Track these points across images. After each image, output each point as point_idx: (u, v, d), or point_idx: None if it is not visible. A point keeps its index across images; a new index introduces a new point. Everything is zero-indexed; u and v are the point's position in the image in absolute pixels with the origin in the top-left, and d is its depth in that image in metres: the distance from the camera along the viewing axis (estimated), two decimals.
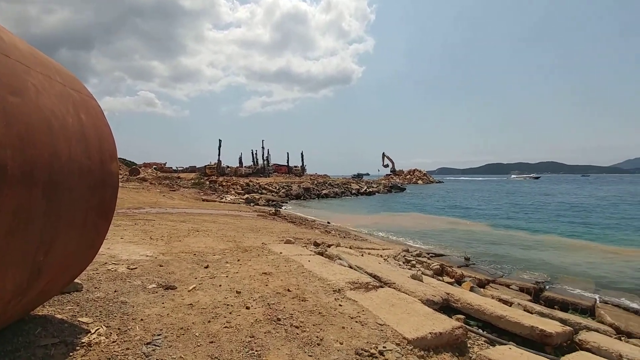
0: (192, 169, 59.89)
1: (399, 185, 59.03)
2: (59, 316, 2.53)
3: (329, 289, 3.72)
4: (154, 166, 56.80)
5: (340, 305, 3.29)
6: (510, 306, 4.84)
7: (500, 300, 5.23)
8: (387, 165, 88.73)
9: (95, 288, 3.19)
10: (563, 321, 4.38)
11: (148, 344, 2.28)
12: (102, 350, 2.15)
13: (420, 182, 79.32)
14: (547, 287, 7.16)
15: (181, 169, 62.99)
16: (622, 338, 4.63)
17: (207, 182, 36.79)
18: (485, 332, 3.78)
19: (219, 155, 54.63)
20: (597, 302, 6.32)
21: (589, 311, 5.86)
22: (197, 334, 2.48)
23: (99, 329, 2.40)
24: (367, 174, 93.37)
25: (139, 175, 33.65)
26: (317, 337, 2.59)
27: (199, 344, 2.35)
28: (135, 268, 3.97)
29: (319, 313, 3.05)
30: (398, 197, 42.27)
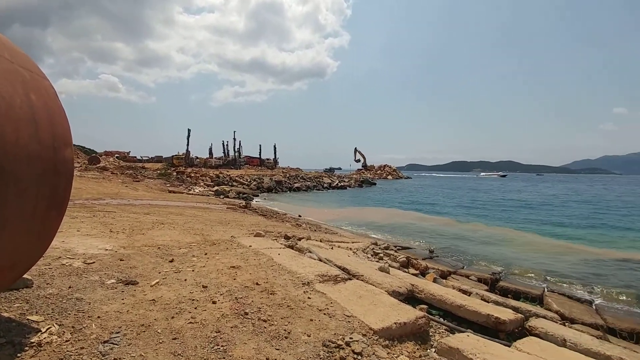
0: (158, 159, 57.30)
1: (370, 180, 60.22)
2: (5, 314, 2.34)
3: (298, 282, 3.73)
4: (116, 155, 53.68)
5: (309, 298, 3.31)
6: (469, 296, 5.13)
7: (460, 290, 5.52)
8: (358, 160, 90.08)
9: (47, 284, 2.97)
10: (515, 309, 4.70)
11: (105, 342, 2.16)
12: (53, 351, 2.02)
13: (390, 177, 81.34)
14: (502, 277, 7.67)
15: (146, 158, 60.11)
16: (566, 324, 5.07)
17: (175, 173, 35.37)
18: (446, 320, 3.98)
19: (187, 145, 52.74)
20: (545, 291, 6.87)
21: (538, 299, 6.36)
22: (159, 331, 2.39)
23: (50, 327, 2.24)
24: (339, 169, 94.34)
25: (99, 164, 31.60)
26: (285, 330, 2.60)
27: (161, 341, 2.27)
28: (93, 262, 3.74)
29: (288, 306, 3.06)
30: (369, 192, 43.12)
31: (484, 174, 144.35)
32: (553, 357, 2.99)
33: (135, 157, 59.78)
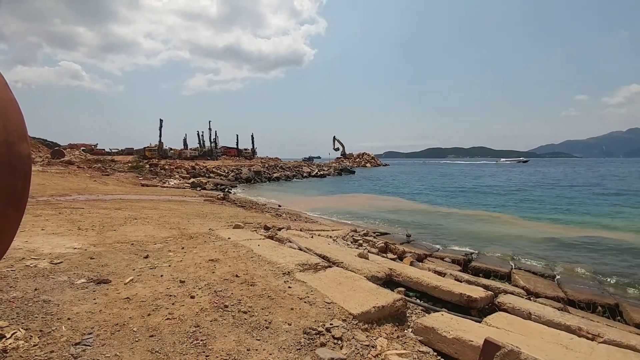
0: (129, 152, 54.94)
1: (349, 168, 60.70)
2: None
3: (279, 272, 3.74)
4: (82, 148, 50.93)
5: (289, 287, 3.34)
6: (443, 277, 5.34)
7: (435, 272, 5.74)
8: (337, 149, 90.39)
9: (10, 287, 2.82)
10: (486, 287, 4.94)
11: (77, 344, 2.08)
12: (20, 356, 1.92)
13: (368, 165, 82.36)
14: (474, 258, 8.05)
15: (116, 151, 57.50)
16: (532, 298, 5.40)
17: (147, 166, 34.08)
18: (422, 301, 4.14)
19: (160, 136, 50.78)
20: (513, 268, 7.27)
21: (507, 277, 6.73)
22: (134, 329, 2.33)
23: (15, 332, 2.13)
24: (319, 157, 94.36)
25: (64, 158, 29.79)
26: (265, 320, 2.61)
27: (137, 339, 2.21)
28: (61, 262, 3.58)
29: (268, 296, 3.07)
30: (348, 180, 43.49)
31: (505, 159, 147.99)
32: (519, 330, 3.18)
33: (104, 149, 57.16)
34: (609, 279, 7.13)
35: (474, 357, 2.50)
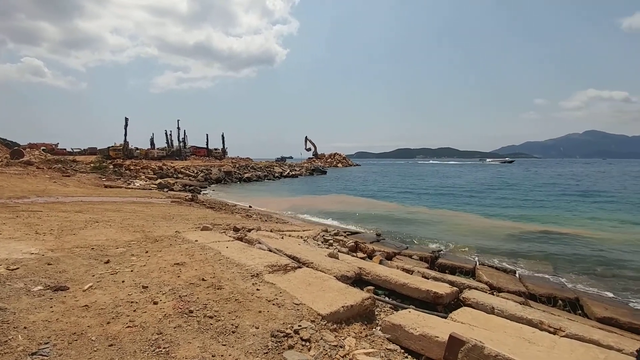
0: (92, 152, 51.80)
1: (321, 168, 60.96)
2: None
3: (247, 274, 3.68)
4: (42, 147, 47.33)
5: (258, 289, 3.29)
6: (411, 274, 5.49)
7: (403, 269, 5.90)
8: (309, 149, 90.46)
9: None
10: (451, 283, 5.14)
11: (33, 354, 1.98)
12: None
13: (340, 165, 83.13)
14: (441, 255, 8.36)
15: (78, 150, 54.02)
16: (495, 293, 5.67)
17: (111, 166, 32.25)
18: (390, 299, 4.25)
19: (125, 135, 48.29)
20: (477, 264, 7.62)
21: (471, 273, 7.03)
22: (93, 338, 2.22)
23: None
24: (291, 157, 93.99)
25: (23, 159, 27.52)
26: (232, 324, 2.56)
27: (95, 349, 2.11)
28: (17, 268, 3.36)
29: (236, 300, 3.01)
30: (320, 180, 43.65)
31: (490, 160, 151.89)
32: (483, 324, 3.32)
33: (65, 149, 53.62)
34: (568, 274, 7.51)
35: (440, 352, 2.57)
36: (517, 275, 7.23)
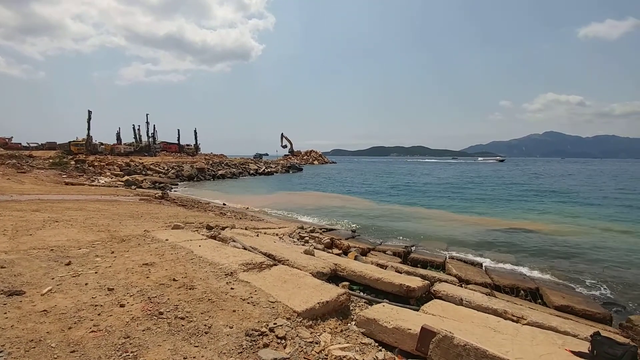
0: (50, 146, 48.38)
1: (297, 165, 60.75)
2: None
3: (221, 273, 3.60)
4: None
5: (232, 288, 3.23)
6: (385, 269, 5.60)
7: (378, 265, 6.01)
8: (285, 146, 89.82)
9: None
10: (423, 277, 5.29)
11: None
12: None
13: (316, 162, 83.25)
14: (413, 250, 8.60)
15: (35, 145, 50.28)
16: (463, 285, 5.91)
17: (73, 162, 30.36)
18: (365, 294, 4.31)
19: (88, 129, 45.57)
20: (447, 258, 7.90)
21: (441, 266, 7.27)
22: (53, 345, 2.08)
23: None
24: (267, 154, 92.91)
25: None
26: (205, 325, 2.49)
27: (56, 356, 1.97)
28: None
29: (209, 300, 2.93)
30: (296, 177, 43.49)
31: (482, 159, 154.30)
32: (452, 315, 3.46)
33: (20, 144, 49.74)
34: (530, 265, 7.99)
35: (413, 344, 2.65)
36: (483, 267, 7.56)
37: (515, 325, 3.28)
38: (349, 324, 3.14)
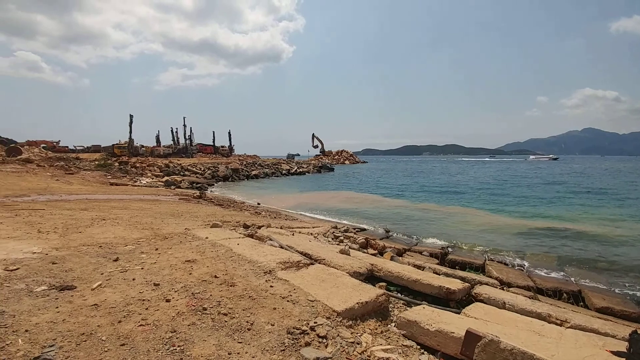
0: (95, 149, 52.10)
1: (328, 165, 60.82)
2: None
3: (260, 271, 3.64)
4: (42, 145, 47.65)
5: (271, 286, 3.25)
6: (422, 270, 5.42)
7: (415, 266, 5.83)
8: (316, 146, 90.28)
9: None
10: (463, 279, 5.07)
11: (36, 358, 1.90)
12: None
13: (347, 162, 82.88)
14: (451, 251, 8.26)
15: (81, 148, 54.39)
16: (505, 288, 5.60)
17: (117, 164, 32.51)
18: (403, 295, 4.18)
19: (130, 132, 48.55)
20: (486, 260, 7.52)
21: (481, 268, 6.96)
22: (103, 338, 2.16)
23: None
24: (298, 155, 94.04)
25: (21, 156, 27.74)
26: (247, 322, 2.51)
27: (106, 349, 2.05)
28: (17, 269, 3.29)
29: (250, 297, 2.96)
30: (327, 177, 43.52)
31: (534, 157, 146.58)
32: (495, 319, 3.28)
33: (67, 147, 53.99)
34: (571, 268, 7.56)
35: (456, 348, 2.53)
36: (525, 270, 7.26)
37: (559, 329, 3.16)
38: (388, 325, 3.05)
